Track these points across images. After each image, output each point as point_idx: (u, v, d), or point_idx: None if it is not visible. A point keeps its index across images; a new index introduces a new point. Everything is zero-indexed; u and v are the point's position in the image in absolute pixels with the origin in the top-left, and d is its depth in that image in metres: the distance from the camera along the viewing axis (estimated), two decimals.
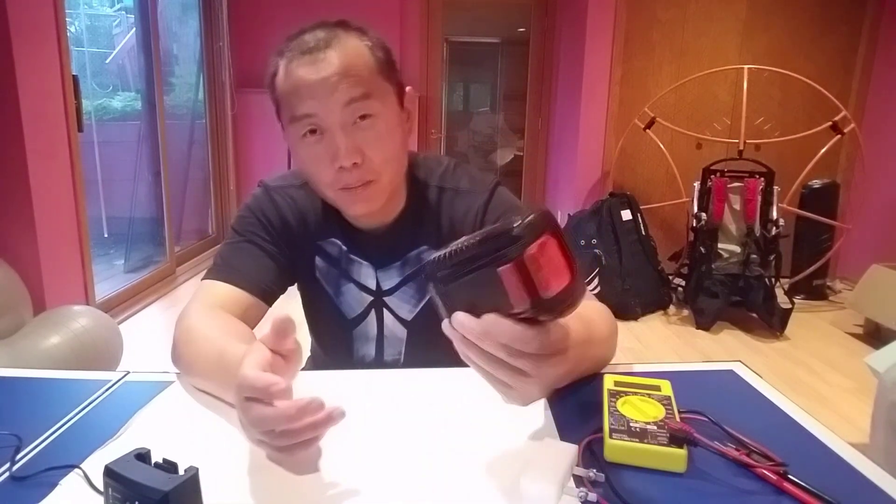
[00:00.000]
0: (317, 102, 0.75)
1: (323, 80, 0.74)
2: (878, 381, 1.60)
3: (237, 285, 0.83)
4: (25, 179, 2.25)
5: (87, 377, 0.74)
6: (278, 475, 0.54)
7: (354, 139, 0.76)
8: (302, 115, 0.76)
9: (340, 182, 0.78)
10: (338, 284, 0.92)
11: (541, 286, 0.45)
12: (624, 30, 3.74)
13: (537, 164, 4.72)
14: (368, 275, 0.91)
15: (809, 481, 0.50)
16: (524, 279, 0.45)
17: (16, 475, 0.53)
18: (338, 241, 0.91)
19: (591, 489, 0.50)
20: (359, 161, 0.77)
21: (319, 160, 0.78)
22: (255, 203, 0.91)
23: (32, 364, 1.81)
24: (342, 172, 0.77)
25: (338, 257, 0.91)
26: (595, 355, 0.72)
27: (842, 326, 3.15)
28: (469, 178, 0.91)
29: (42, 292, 2.30)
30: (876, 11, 3.69)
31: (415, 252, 0.89)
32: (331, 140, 0.76)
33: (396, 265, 0.90)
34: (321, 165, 0.78)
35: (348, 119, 0.76)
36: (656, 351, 2.84)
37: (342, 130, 0.76)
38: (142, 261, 3.72)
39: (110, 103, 3.90)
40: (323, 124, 0.76)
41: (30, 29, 2.24)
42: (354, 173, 0.77)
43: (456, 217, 0.88)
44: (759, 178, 3.13)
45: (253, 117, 4.36)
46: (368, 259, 0.90)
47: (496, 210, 0.88)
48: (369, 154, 0.77)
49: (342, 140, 0.76)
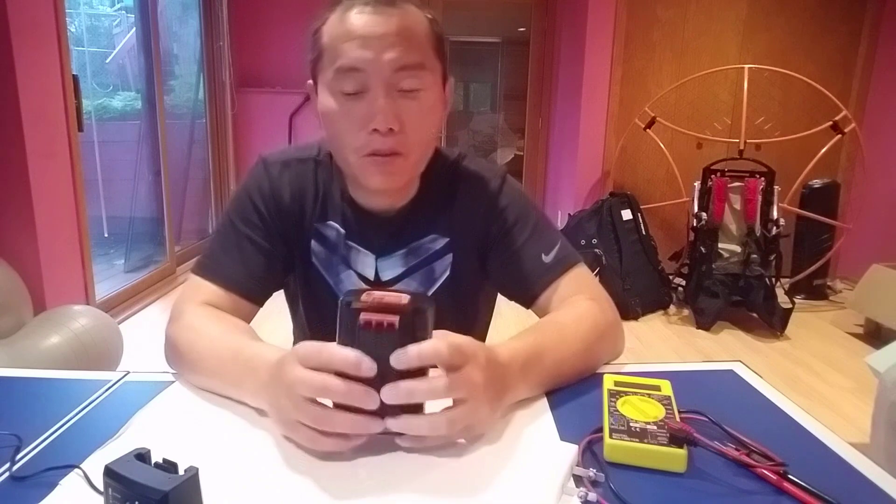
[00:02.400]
0: (368, 56, 0.71)
1: (381, 35, 0.71)
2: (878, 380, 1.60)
3: (227, 288, 0.81)
4: (25, 179, 2.25)
5: (87, 377, 0.74)
6: (278, 475, 0.54)
7: (396, 105, 0.73)
8: (349, 66, 0.72)
9: (370, 147, 0.74)
10: (337, 272, 0.88)
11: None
12: (624, 29, 3.74)
13: (537, 163, 4.72)
14: (367, 264, 0.87)
15: (809, 481, 0.50)
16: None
17: (16, 475, 0.53)
18: (336, 224, 0.87)
19: (591, 489, 0.50)
20: (395, 128, 0.73)
21: (353, 120, 0.74)
22: (251, 182, 0.86)
23: (32, 364, 1.81)
24: (374, 136, 0.73)
25: (335, 242, 0.87)
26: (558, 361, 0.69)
27: (842, 326, 3.15)
28: (479, 167, 0.90)
29: (42, 292, 2.30)
30: (876, 11, 3.69)
31: (422, 241, 0.87)
32: (372, 100, 0.72)
33: (400, 253, 0.86)
34: (354, 126, 0.74)
35: (394, 84, 0.73)
36: (656, 351, 2.84)
37: (386, 93, 0.72)
38: (142, 260, 3.72)
39: (110, 103, 3.90)
40: (368, 82, 0.72)
41: (30, 29, 2.24)
42: (388, 140, 0.73)
43: (467, 205, 0.87)
44: (760, 177, 3.13)
45: (253, 117, 4.37)
46: (368, 246, 0.86)
47: (507, 198, 0.87)
48: (407, 125, 0.74)
49: (384, 102, 0.72)
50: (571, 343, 0.71)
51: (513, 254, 0.85)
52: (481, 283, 0.92)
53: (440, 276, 0.88)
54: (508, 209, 0.86)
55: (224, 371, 0.67)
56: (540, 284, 0.83)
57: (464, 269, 0.88)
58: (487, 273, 0.89)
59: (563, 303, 0.81)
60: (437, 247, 0.87)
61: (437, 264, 0.88)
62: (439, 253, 0.87)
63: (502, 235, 0.86)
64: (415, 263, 0.87)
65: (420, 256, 0.87)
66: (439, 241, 0.87)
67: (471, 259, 0.88)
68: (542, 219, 0.88)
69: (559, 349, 0.70)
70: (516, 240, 0.85)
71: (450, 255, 0.88)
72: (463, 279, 0.88)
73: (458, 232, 0.87)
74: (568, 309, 0.79)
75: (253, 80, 4.28)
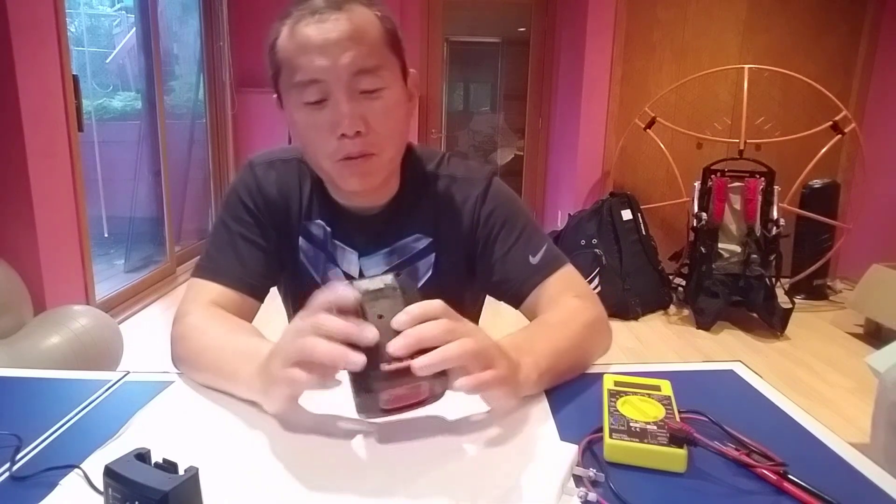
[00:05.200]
0: (324, 65, 0.72)
1: (334, 42, 0.71)
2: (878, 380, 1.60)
3: (227, 285, 0.82)
4: (25, 179, 2.25)
5: (87, 377, 0.74)
6: (278, 475, 0.54)
7: (360, 108, 0.74)
8: (307, 80, 0.73)
9: (341, 152, 0.75)
10: (325, 270, 0.88)
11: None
12: (624, 29, 3.74)
13: (538, 163, 4.72)
14: (351, 261, 0.88)
15: (809, 481, 0.50)
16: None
17: (16, 475, 0.53)
18: (323, 223, 0.87)
19: (591, 489, 0.50)
20: (362, 130, 0.74)
21: (320, 128, 0.75)
22: (239, 183, 0.88)
23: (32, 364, 1.82)
24: (344, 141, 0.74)
25: (323, 240, 0.88)
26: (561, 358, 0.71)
27: (842, 326, 3.15)
28: (465, 167, 0.90)
29: (42, 292, 2.31)
30: (876, 11, 3.69)
31: (405, 240, 0.87)
32: (335, 107, 0.73)
33: (382, 253, 0.87)
34: (322, 134, 0.75)
35: (355, 87, 0.73)
36: (656, 351, 2.84)
37: (348, 98, 0.73)
38: (142, 260, 3.73)
39: (110, 103, 3.90)
40: (328, 89, 0.73)
41: (30, 29, 2.24)
42: (357, 143, 0.74)
43: (452, 205, 0.87)
44: (760, 177, 3.13)
45: (253, 117, 4.37)
46: (352, 245, 0.87)
47: (493, 200, 0.87)
48: (374, 125, 0.75)
49: (347, 107, 0.73)
50: (563, 338, 0.73)
51: (500, 256, 0.86)
52: (466, 282, 0.92)
53: (423, 275, 0.89)
54: (495, 212, 0.87)
55: (223, 365, 0.68)
56: (528, 285, 0.84)
57: (447, 268, 0.89)
58: (474, 274, 0.90)
59: (552, 302, 0.82)
60: (420, 246, 0.88)
61: (421, 264, 0.88)
62: (422, 253, 0.88)
63: (490, 238, 0.87)
64: (398, 263, 0.88)
65: (403, 256, 0.88)
66: (422, 240, 0.88)
67: (455, 259, 0.89)
68: (530, 221, 0.89)
69: (552, 341, 0.71)
70: (504, 242, 0.86)
71: (433, 255, 0.88)
72: (446, 278, 0.89)
73: (441, 232, 0.88)
74: (556, 310, 0.80)
75: (253, 80, 4.28)
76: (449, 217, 0.87)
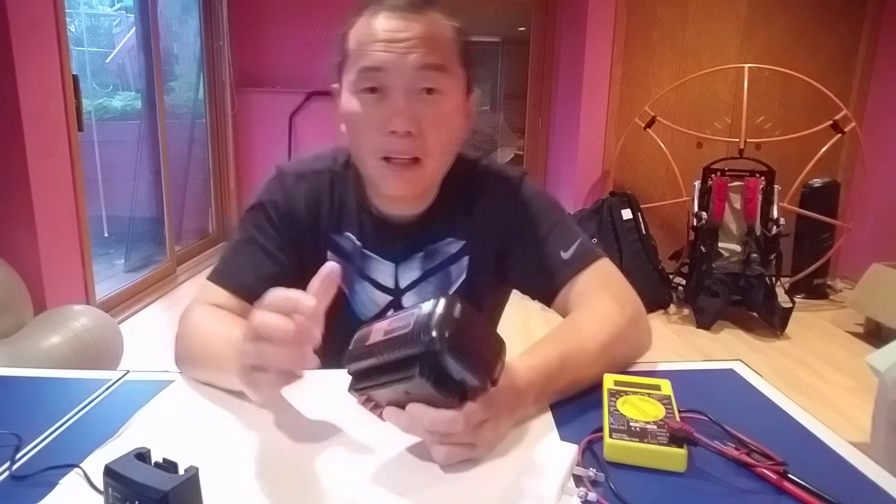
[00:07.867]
0: (391, 58, 0.72)
1: (405, 38, 0.72)
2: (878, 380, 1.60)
3: (235, 293, 0.81)
4: (25, 179, 2.25)
5: (87, 376, 0.74)
6: (278, 475, 0.54)
7: (415, 108, 0.73)
8: (371, 66, 0.73)
9: (386, 149, 0.74)
10: (352, 282, 0.87)
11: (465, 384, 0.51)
12: (624, 29, 3.74)
13: (538, 163, 4.72)
14: (386, 272, 0.86)
15: (810, 481, 0.50)
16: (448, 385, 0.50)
17: (16, 474, 0.53)
18: (352, 235, 0.86)
19: (591, 489, 0.50)
20: (413, 131, 0.73)
21: (371, 120, 0.74)
22: (265, 193, 0.87)
23: (32, 364, 1.81)
24: (391, 138, 0.73)
25: (351, 253, 0.87)
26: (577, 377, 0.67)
27: (842, 325, 3.15)
28: (497, 169, 0.89)
29: (42, 292, 2.30)
30: (877, 10, 3.69)
31: (439, 244, 0.87)
32: (391, 101, 0.73)
33: (418, 257, 0.86)
34: (371, 126, 0.74)
35: (415, 85, 0.73)
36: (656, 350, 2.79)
37: (405, 95, 0.73)
38: (142, 260, 3.72)
39: (110, 103, 3.90)
40: (388, 83, 0.73)
41: (30, 29, 2.24)
42: (405, 143, 0.73)
43: (484, 207, 0.86)
44: (760, 177, 3.13)
45: (253, 117, 4.37)
46: (386, 255, 0.86)
47: (524, 197, 0.86)
48: (425, 129, 0.74)
49: (402, 103, 0.72)
50: (590, 356, 0.69)
51: (531, 250, 0.84)
52: (496, 285, 0.91)
53: (456, 279, 0.88)
54: (527, 206, 0.86)
55: (215, 357, 0.68)
56: (558, 281, 0.82)
57: (479, 271, 0.88)
58: (505, 272, 0.88)
59: (583, 299, 0.79)
60: (453, 250, 0.87)
61: (454, 268, 0.87)
62: (455, 256, 0.87)
63: (520, 232, 0.85)
64: (431, 267, 0.87)
65: (436, 260, 0.87)
66: (455, 244, 0.87)
67: (487, 261, 0.88)
68: (563, 216, 0.87)
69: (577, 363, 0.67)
70: (535, 236, 0.85)
71: (465, 258, 0.87)
72: (478, 282, 0.88)
73: (474, 234, 0.87)
74: (587, 314, 0.76)
75: (253, 80, 4.28)
76: (482, 218, 0.86)
